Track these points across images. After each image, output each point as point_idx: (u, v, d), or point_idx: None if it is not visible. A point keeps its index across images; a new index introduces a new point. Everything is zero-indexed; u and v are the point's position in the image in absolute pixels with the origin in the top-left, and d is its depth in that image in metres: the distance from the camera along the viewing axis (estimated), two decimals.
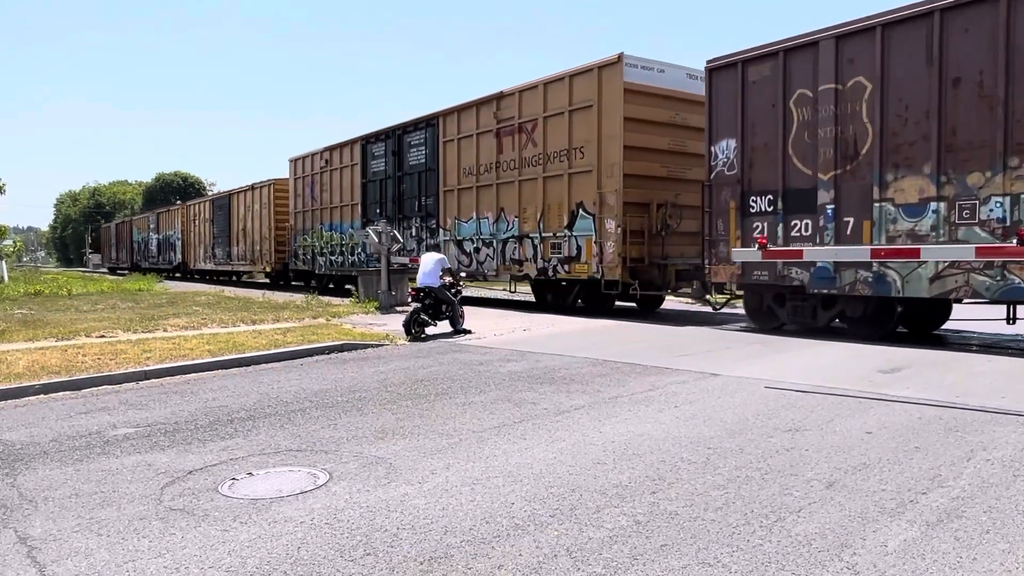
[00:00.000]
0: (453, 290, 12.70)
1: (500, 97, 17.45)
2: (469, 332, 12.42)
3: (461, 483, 4.54)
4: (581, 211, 15.27)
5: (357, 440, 5.61)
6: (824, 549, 3.47)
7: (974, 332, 12.08)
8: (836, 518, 3.85)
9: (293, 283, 31.02)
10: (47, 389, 7.77)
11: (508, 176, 17.22)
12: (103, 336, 11.72)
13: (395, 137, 21.39)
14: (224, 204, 35.55)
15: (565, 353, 9.86)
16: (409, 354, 10.21)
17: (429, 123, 19.93)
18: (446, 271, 12.79)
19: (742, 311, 13.80)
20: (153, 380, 8.46)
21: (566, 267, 15.71)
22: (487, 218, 17.89)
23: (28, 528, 3.96)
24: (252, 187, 31.96)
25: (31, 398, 7.54)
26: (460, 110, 18.74)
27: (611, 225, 14.57)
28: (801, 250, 11.33)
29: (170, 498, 4.38)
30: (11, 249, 58.08)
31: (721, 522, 3.83)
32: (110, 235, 65.47)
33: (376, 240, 17.41)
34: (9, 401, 7.37)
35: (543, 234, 16.24)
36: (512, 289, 19.85)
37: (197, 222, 39.98)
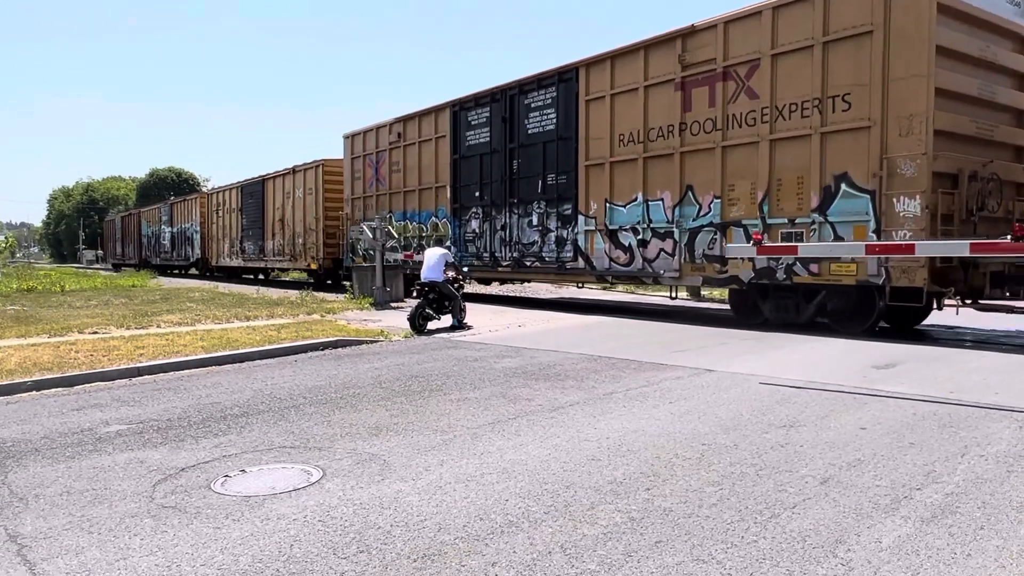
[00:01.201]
0: (455, 285, 12.81)
1: (688, 34, 12.87)
2: (471, 327, 12.47)
3: (455, 480, 4.52)
4: (844, 186, 10.92)
5: (351, 437, 5.59)
6: (818, 545, 3.47)
7: (967, 328, 12.11)
8: (830, 514, 3.85)
9: (347, 282, 24.25)
10: (39, 386, 7.73)
11: (701, 142, 12.66)
12: (96, 332, 11.67)
13: (504, 99, 16.89)
14: (256, 191, 30.60)
15: (560, 349, 9.85)
16: (404, 350, 10.19)
17: (562, 78, 15.38)
18: (449, 265, 12.90)
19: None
20: (146, 376, 8.42)
21: (812, 267, 11.25)
22: (661, 200, 13.40)
23: (19, 526, 3.93)
24: (293, 170, 27.33)
25: (23, 395, 7.49)
26: (615, 56, 14.18)
27: (909, 206, 10.19)
28: None
29: (162, 495, 4.35)
30: (4, 245, 56.15)
31: (715, 518, 3.82)
32: (114, 229, 60.35)
33: (370, 236, 17.39)
34: (1, 398, 7.33)
35: (769, 220, 11.74)
36: (674, 295, 15.66)
37: (221, 212, 35.08)
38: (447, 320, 12.66)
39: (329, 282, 26.54)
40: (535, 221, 16.31)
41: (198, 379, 8.23)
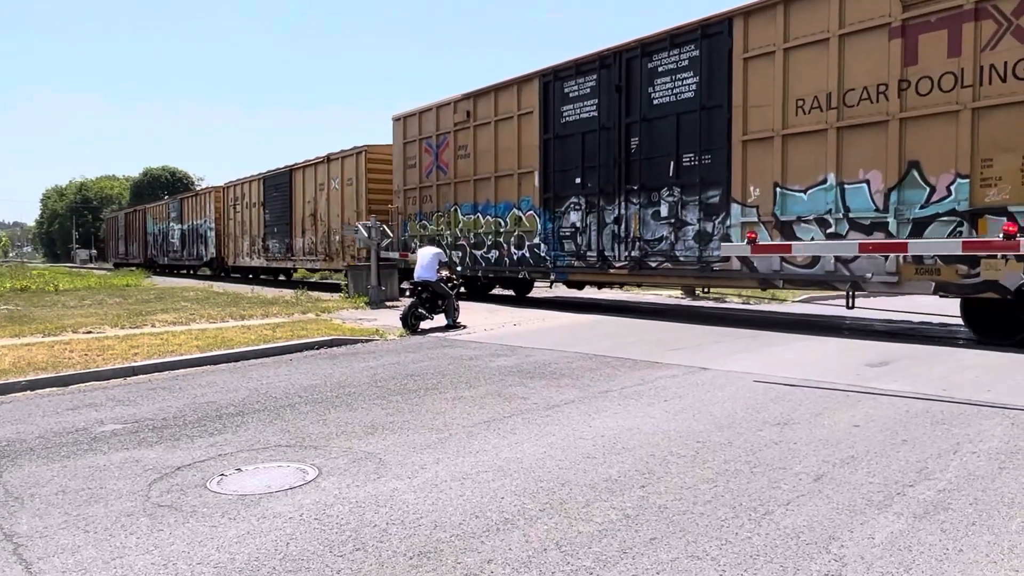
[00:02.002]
0: (449, 284, 12.81)
1: None
2: (465, 326, 12.47)
3: (451, 478, 4.54)
4: None
5: (347, 435, 5.60)
6: (812, 542, 3.49)
7: (961, 327, 12.16)
8: (824, 511, 3.87)
9: (400, 284, 21.63)
10: (34, 385, 7.71)
11: (934, 103, 9.74)
12: (90, 332, 11.64)
13: (618, 64, 13.91)
14: (283, 183, 27.41)
15: (555, 348, 9.87)
16: (399, 349, 10.20)
17: (706, 32, 12.46)
18: (443, 265, 12.91)
19: None
20: (141, 376, 8.41)
21: None
22: (865, 182, 10.47)
23: (14, 525, 3.93)
24: (327, 158, 24.07)
25: (17, 394, 7.48)
26: (790, 0, 11.21)
27: None
28: None
29: (158, 494, 4.35)
30: None
31: (710, 515, 3.85)
32: (115, 227, 56.61)
33: (365, 235, 17.38)
34: None
35: None
36: (851, 304, 11.21)
37: (239, 207, 31.65)
38: (440, 320, 12.65)
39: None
40: (664, 212, 13.19)
41: (193, 378, 8.22)
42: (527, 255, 16.11)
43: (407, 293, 13.11)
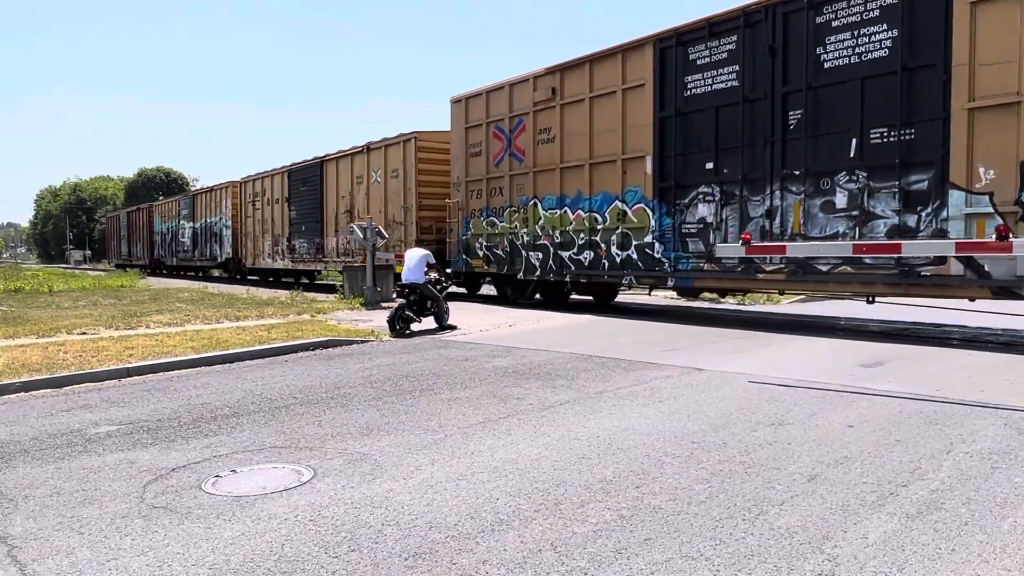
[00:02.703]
0: (439, 286, 12.72)
1: None
2: (454, 328, 12.44)
3: (446, 479, 4.54)
4: None
5: (342, 436, 5.60)
6: (806, 541, 3.50)
7: (954, 326, 12.22)
8: (818, 511, 3.89)
9: (459, 289, 19.06)
10: (28, 387, 7.69)
11: None
12: (85, 333, 11.62)
13: (771, 20, 11.47)
14: (312, 176, 24.60)
15: (550, 348, 9.88)
16: (394, 350, 10.19)
17: None
18: (431, 267, 12.79)
19: None
20: (135, 377, 8.39)
21: None
22: None
23: (8, 527, 3.92)
24: (367, 147, 21.33)
25: (11, 396, 7.46)
26: None
27: None
28: None
29: (153, 496, 4.35)
30: None
31: (704, 515, 3.86)
32: (117, 226, 53.44)
33: (360, 235, 17.36)
34: None
35: None
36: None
37: (259, 203, 28.76)
38: (428, 322, 12.51)
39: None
40: (841, 203, 10.78)
41: (188, 379, 8.21)
42: (634, 256, 13.45)
43: (394, 295, 12.90)
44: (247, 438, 5.62)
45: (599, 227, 14.30)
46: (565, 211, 15.05)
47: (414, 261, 12.58)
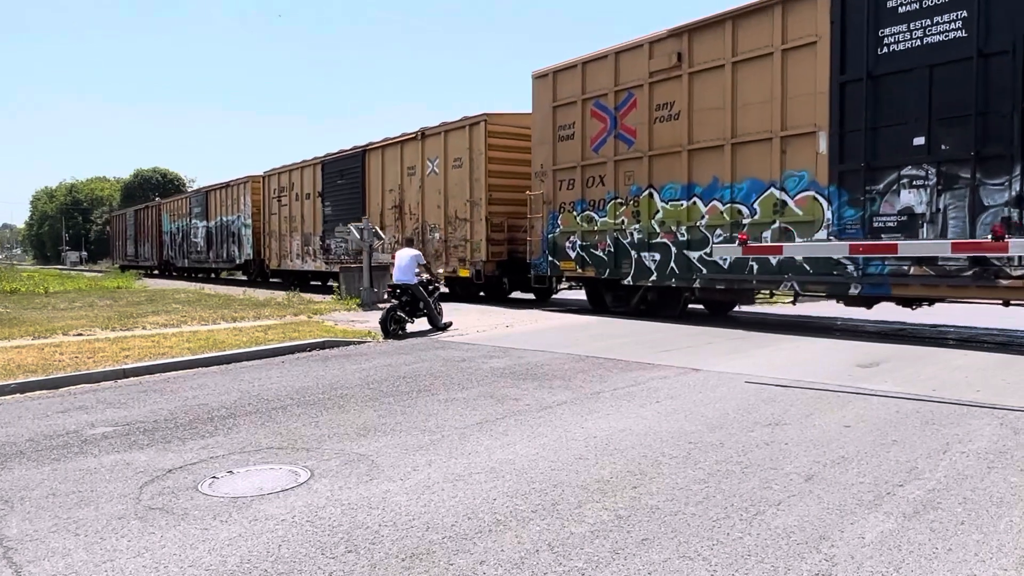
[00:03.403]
0: (431, 287, 12.63)
1: None
2: (448, 326, 12.42)
3: (443, 479, 4.54)
4: None
5: (339, 437, 5.59)
6: (803, 541, 3.51)
7: (951, 327, 12.25)
8: (815, 511, 3.89)
9: (524, 293, 18.06)
10: (23, 388, 7.67)
11: None
12: (81, 334, 11.59)
13: None
14: (351, 168, 22.16)
15: (547, 349, 9.88)
16: (391, 351, 10.19)
17: None
18: (422, 267, 12.73)
19: None
20: (132, 378, 8.38)
21: None
22: None
23: (4, 529, 3.91)
24: (421, 133, 19.05)
25: (7, 397, 7.44)
26: None
27: None
28: None
29: (149, 497, 4.34)
30: None
31: (702, 516, 3.86)
32: (123, 225, 50.65)
33: (357, 236, 17.35)
34: None
35: None
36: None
37: (285, 199, 26.32)
38: (422, 323, 12.44)
39: (482, 294, 18.64)
40: None
41: (184, 381, 8.20)
42: (798, 258, 11.15)
43: (386, 296, 12.80)
44: (244, 439, 5.61)
45: (744, 221, 11.78)
46: (694, 202, 12.53)
47: (404, 261, 12.48)
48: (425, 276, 12.70)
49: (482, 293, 18.70)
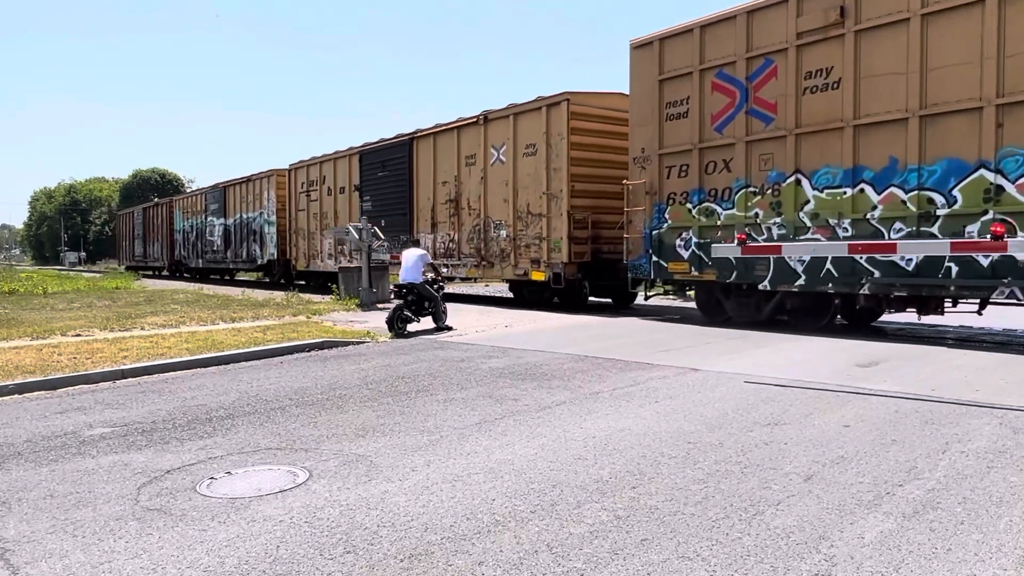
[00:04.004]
0: (435, 286, 12.76)
1: None
2: (451, 328, 12.45)
3: (442, 480, 4.53)
4: None
5: (337, 438, 5.58)
6: (802, 541, 3.50)
7: (949, 327, 12.25)
8: (814, 511, 3.89)
9: (627, 301, 16.52)
10: (21, 389, 7.66)
11: None
12: (79, 335, 11.57)
13: None
14: (396, 159, 20.04)
15: (546, 349, 9.87)
16: (390, 351, 10.18)
17: None
18: (428, 267, 12.87)
19: None
20: (130, 379, 8.36)
21: None
22: None
23: (2, 530, 3.89)
24: (484, 117, 16.97)
25: (5, 398, 7.42)
26: None
27: None
28: None
29: (147, 498, 4.33)
30: None
31: (701, 516, 3.85)
32: (130, 224, 47.93)
33: (356, 236, 17.35)
34: None
35: None
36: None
37: (315, 194, 24.24)
38: (427, 322, 12.57)
39: (557, 300, 16.68)
40: None
41: (183, 381, 8.18)
42: (1020, 257, 9.00)
43: (392, 296, 12.93)
44: (242, 439, 5.60)
45: (938, 212, 9.74)
46: (861, 190, 10.49)
47: (411, 261, 12.63)
48: (430, 275, 12.85)
49: (556, 299, 16.66)
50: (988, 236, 9.21)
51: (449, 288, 24.07)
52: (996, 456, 4.78)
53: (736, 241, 11.82)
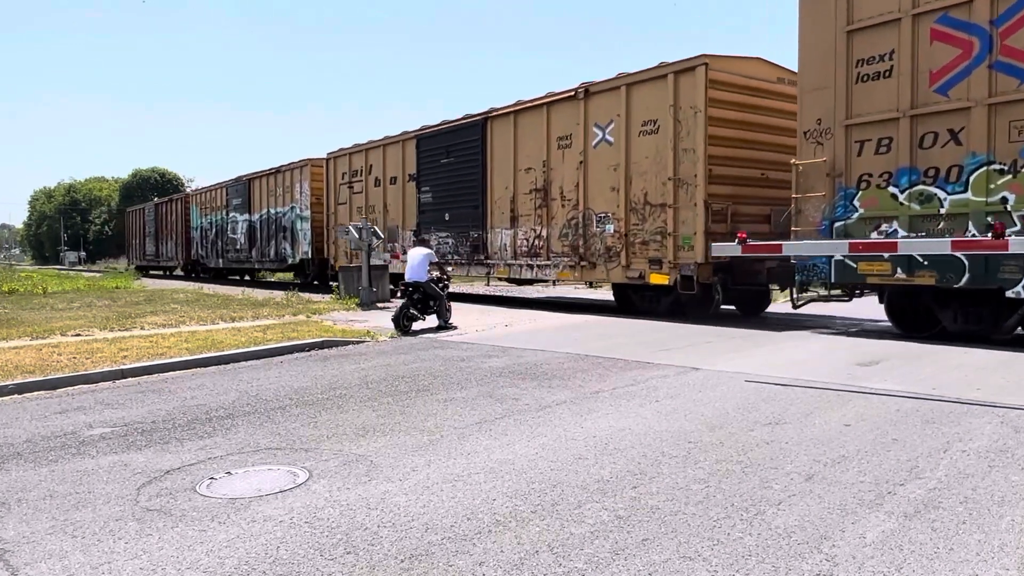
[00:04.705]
0: (440, 284, 12.86)
1: None
2: (455, 327, 12.51)
3: (442, 480, 4.52)
4: None
5: (337, 438, 5.57)
6: (804, 541, 3.49)
7: None
8: (815, 510, 3.88)
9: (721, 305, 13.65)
10: (21, 389, 7.65)
11: None
12: (79, 335, 11.56)
13: None
14: (466, 142, 17.60)
15: (547, 348, 9.86)
16: (390, 351, 10.17)
17: None
18: (433, 265, 12.97)
19: None
20: (130, 379, 8.35)
21: None
22: None
23: (1, 531, 3.89)
24: (584, 90, 14.47)
25: (4, 398, 7.41)
26: None
27: None
28: None
29: (147, 498, 4.32)
30: None
31: (702, 516, 3.84)
32: (141, 222, 45.01)
33: (356, 236, 17.35)
34: None
35: None
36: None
37: (359, 186, 21.82)
38: (432, 320, 12.68)
39: (678, 308, 13.67)
40: None
41: (183, 381, 8.17)
42: None
43: (398, 294, 13.11)
44: (242, 439, 5.59)
45: None
46: None
47: (417, 260, 12.79)
48: (435, 274, 12.96)
49: (678, 307, 13.59)
50: None
51: (523, 292, 22.41)
52: (997, 455, 4.77)
53: (991, 233, 9.05)
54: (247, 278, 33.13)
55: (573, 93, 14.70)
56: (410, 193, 19.68)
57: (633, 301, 14.72)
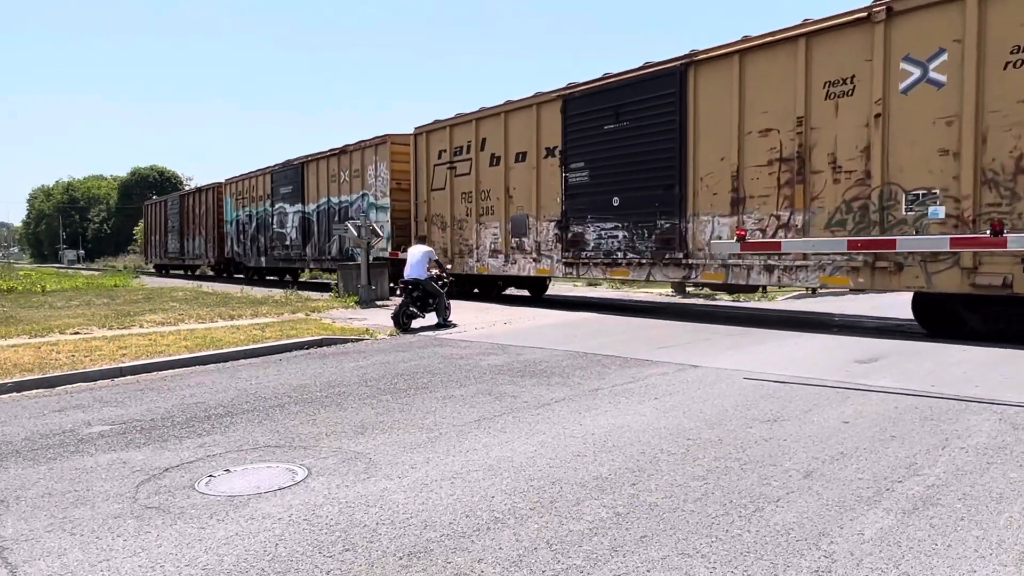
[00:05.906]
0: (440, 282, 12.90)
1: None
2: (455, 325, 12.52)
3: (441, 477, 4.52)
4: None
5: (336, 435, 5.57)
6: (802, 538, 3.49)
7: None
8: (814, 507, 3.88)
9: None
10: (20, 387, 7.64)
11: None
12: (78, 333, 11.56)
13: None
14: (646, 102, 13.27)
15: (546, 346, 9.86)
16: (389, 348, 10.17)
17: None
18: (433, 263, 13.01)
19: None
20: (129, 377, 8.35)
21: None
22: None
23: (0, 528, 3.89)
24: (886, 8, 9.97)
25: (4, 396, 7.41)
26: None
27: None
28: None
29: (146, 496, 4.32)
30: None
31: (700, 513, 3.84)
32: (162, 216, 39.53)
33: (355, 234, 17.34)
34: None
35: None
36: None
37: (464, 166, 17.56)
38: (431, 318, 12.70)
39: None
40: None
41: (181, 379, 8.17)
42: None
43: (398, 292, 13.15)
44: (241, 437, 5.58)
45: None
46: None
47: (417, 258, 12.87)
48: (435, 272, 13.01)
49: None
50: None
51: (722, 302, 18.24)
52: (996, 452, 4.77)
53: None
54: (288, 278, 29.59)
55: (862, 15, 10.35)
56: (549, 172, 15.31)
57: (965, 320, 10.25)
